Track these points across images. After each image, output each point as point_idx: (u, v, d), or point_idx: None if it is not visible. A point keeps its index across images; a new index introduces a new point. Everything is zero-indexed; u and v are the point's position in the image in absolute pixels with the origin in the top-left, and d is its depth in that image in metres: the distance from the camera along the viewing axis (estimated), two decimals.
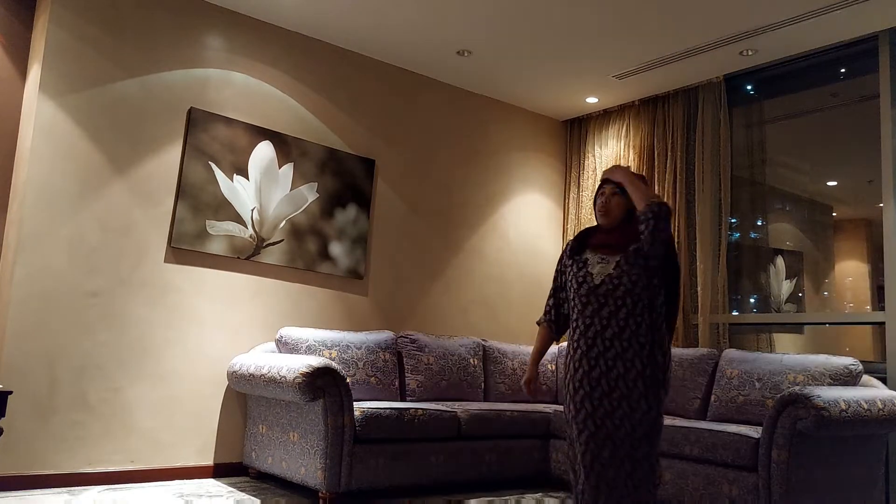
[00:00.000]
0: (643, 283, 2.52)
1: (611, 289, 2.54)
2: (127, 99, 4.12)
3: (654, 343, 2.51)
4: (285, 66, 4.70)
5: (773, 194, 5.20)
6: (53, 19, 3.90)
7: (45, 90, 3.87)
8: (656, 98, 5.44)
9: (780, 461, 3.27)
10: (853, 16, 4.15)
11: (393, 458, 3.87)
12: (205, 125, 4.31)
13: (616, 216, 2.68)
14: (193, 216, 4.24)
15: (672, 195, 5.18)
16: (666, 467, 3.78)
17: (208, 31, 4.41)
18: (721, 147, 5.00)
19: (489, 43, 4.76)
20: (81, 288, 3.91)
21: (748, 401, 3.98)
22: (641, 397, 2.47)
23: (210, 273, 4.31)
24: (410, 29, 4.62)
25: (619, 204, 2.68)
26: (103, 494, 3.67)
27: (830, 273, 5.15)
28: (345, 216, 4.83)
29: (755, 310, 5.15)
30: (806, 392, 3.25)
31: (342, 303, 4.84)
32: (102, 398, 3.93)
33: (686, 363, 4.44)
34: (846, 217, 5.27)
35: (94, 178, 3.99)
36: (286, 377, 3.67)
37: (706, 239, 4.96)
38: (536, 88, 5.49)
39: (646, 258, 2.51)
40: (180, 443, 4.15)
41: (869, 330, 4.59)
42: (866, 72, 4.49)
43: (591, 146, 5.89)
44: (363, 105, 5.04)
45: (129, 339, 4.03)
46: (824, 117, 5.04)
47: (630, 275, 2.52)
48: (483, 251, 5.58)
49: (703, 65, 4.88)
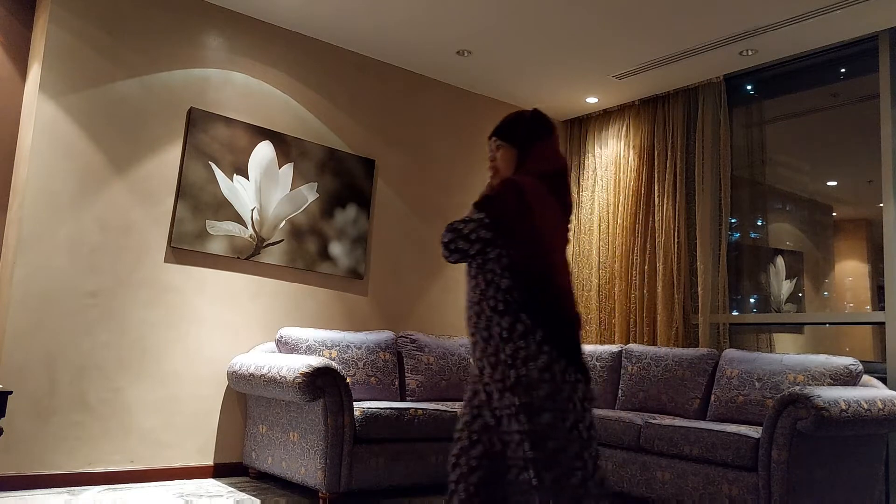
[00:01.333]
0: (479, 261, 2.14)
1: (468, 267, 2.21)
2: (127, 99, 4.12)
3: (492, 335, 2.10)
4: (285, 66, 4.70)
5: (773, 194, 5.20)
6: (53, 19, 3.90)
7: (45, 90, 3.87)
8: (656, 98, 5.44)
9: (780, 461, 3.27)
10: (853, 16, 4.15)
11: (393, 458, 3.87)
12: (205, 125, 4.31)
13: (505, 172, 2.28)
14: (193, 216, 4.24)
15: (672, 195, 5.18)
16: (666, 467, 3.78)
17: (208, 31, 4.41)
18: (721, 147, 5.00)
19: (489, 43, 4.76)
20: (81, 288, 3.91)
21: (748, 401, 3.98)
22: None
23: (210, 273, 4.31)
24: (410, 29, 4.62)
25: (506, 158, 2.28)
26: (103, 494, 3.67)
27: (830, 273, 5.15)
28: (345, 216, 4.83)
29: (755, 310, 5.15)
30: (806, 392, 3.25)
31: (342, 303, 4.84)
32: (102, 398, 3.93)
33: (686, 363, 4.44)
34: (846, 217, 5.27)
35: (94, 177, 3.99)
36: (286, 377, 3.67)
37: (706, 239, 4.96)
38: (536, 88, 5.49)
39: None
40: (180, 443, 4.15)
41: (869, 330, 4.59)
42: (866, 72, 4.49)
43: (591, 146, 5.89)
44: (363, 105, 5.04)
45: (129, 339, 4.03)
46: (824, 117, 5.03)
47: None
48: None
49: (703, 65, 4.88)
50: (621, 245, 5.45)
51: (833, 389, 3.39)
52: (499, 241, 2.08)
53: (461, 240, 2.08)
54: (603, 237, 5.63)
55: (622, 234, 5.46)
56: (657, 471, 3.83)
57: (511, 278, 2.07)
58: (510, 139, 2.27)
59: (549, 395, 2.00)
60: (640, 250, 5.33)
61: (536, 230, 2.10)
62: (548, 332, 2.04)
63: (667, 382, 4.48)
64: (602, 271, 5.59)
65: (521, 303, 2.06)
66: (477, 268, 2.14)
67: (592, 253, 5.69)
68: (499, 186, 2.15)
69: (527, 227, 2.09)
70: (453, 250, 2.10)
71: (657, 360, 4.60)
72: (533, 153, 2.23)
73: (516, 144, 2.26)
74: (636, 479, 3.93)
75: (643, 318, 5.21)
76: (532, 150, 2.23)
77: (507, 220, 2.08)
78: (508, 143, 2.27)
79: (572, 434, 2.00)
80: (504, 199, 2.10)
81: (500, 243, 2.08)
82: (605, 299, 5.54)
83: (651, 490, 3.85)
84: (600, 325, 5.54)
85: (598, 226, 5.68)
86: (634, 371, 4.68)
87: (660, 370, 4.55)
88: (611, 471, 4.07)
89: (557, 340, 2.05)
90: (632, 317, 5.32)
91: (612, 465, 4.07)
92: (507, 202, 2.09)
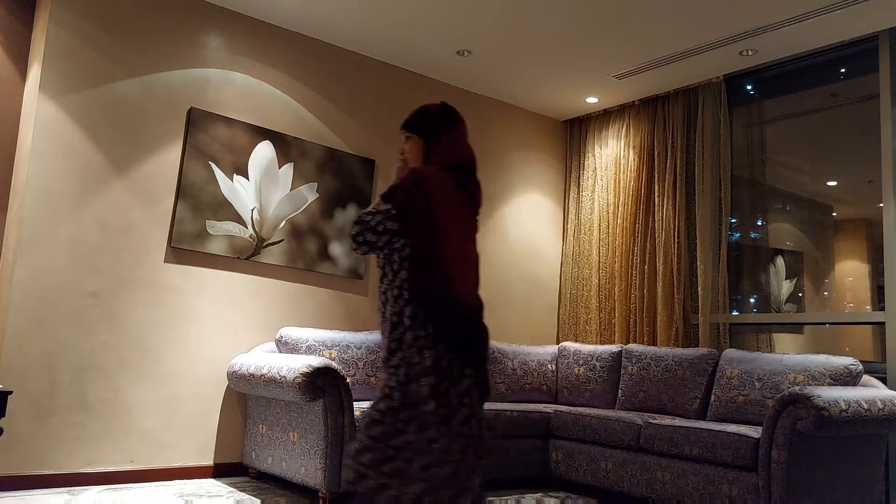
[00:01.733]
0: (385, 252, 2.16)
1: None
2: (127, 99, 4.12)
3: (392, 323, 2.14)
4: (285, 66, 4.70)
5: (773, 194, 5.20)
6: (53, 19, 3.90)
7: (45, 90, 3.87)
8: (656, 98, 5.44)
9: (780, 461, 3.27)
10: (853, 16, 4.15)
11: None
12: (205, 125, 4.31)
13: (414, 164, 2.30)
14: (193, 216, 4.24)
15: (672, 195, 5.18)
16: (666, 467, 3.78)
17: (208, 31, 4.41)
18: (721, 147, 5.00)
19: (489, 43, 4.76)
20: (81, 288, 3.91)
21: (748, 401, 3.98)
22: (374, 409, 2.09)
23: (210, 273, 4.31)
24: (410, 29, 4.62)
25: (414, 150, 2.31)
26: (103, 494, 3.67)
27: (830, 273, 5.15)
28: (345, 216, 4.83)
29: (755, 310, 5.15)
30: (806, 392, 3.25)
31: (342, 303, 4.84)
32: (102, 398, 3.93)
33: (686, 363, 4.44)
34: (846, 217, 5.27)
35: (94, 178, 3.99)
36: (286, 377, 3.67)
37: (706, 239, 4.96)
38: (536, 88, 5.49)
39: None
40: (180, 443, 4.15)
41: (869, 330, 4.59)
42: (866, 72, 4.49)
43: (591, 146, 5.89)
44: (363, 105, 5.04)
45: (128, 339, 4.03)
46: (824, 117, 5.04)
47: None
48: (483, 251, 5.52)
49: (703, 65, 4.88)
50: (621, 245, 5.45)
51: (833, 389, 3.39)
52: (403, 231, 2.10)
53: (369, 232, 2.10)
54: (603, 237, 5.63)
55: (622, 234, 5.46)
56: (657, 471, 3.83)
57: (409, 269, 2.11)
58: (417, 131, 2.31)
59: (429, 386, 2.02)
60: (640, 250, 5.33)
61: (435, 220, 2.12)
62: (438, 325, 2.06)
63: (667, 382, 4.48)
64: (602, 271, 5.59)
65: (417, 294, 2.09)
66: (384, 259, 2.17)
67: (592, 253, 5.69)
68: (405, 178, 2.18)
69: (426, 217, 2.11)
70: (361, 242, 2.11)
71: (657, 360, 4.60)
72: (440, 145, 2.27)
73: (423, 136, 2.30)
74: (636, 479, 3.93)
75: (643, 318, 5.21)
76: (439, 142, 2.27)
77: (412, 211, 2.10)
78: (416, 134, 2.31)
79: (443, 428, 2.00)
80: (407, 190, 2.13)
81: (405, 234, 2.10)
82: (605, 299, 5.54)
83: (651, 490, 3.85)
84: (600, 325, 5.54)
85: (598, 226, 5.68)
86: (634, 371, 4.68)
87: (660, 370, 4.55)
88: (611, 470, 4.07)
89: (448, 334, 2.07)
90: (632, 317, 5.32)
91: (612, 465, 4.07)
92: (410, 193, 2.12)
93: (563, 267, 5.95)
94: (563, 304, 5.88)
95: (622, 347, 4.91)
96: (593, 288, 5.63)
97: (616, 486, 4.04)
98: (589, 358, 4.99)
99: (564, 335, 5.81)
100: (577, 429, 4.31)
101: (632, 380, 4.67)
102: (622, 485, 4.01)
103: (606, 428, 4.13)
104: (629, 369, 4.72)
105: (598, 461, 4.16)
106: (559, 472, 4.42)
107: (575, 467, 4.30)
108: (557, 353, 5.25)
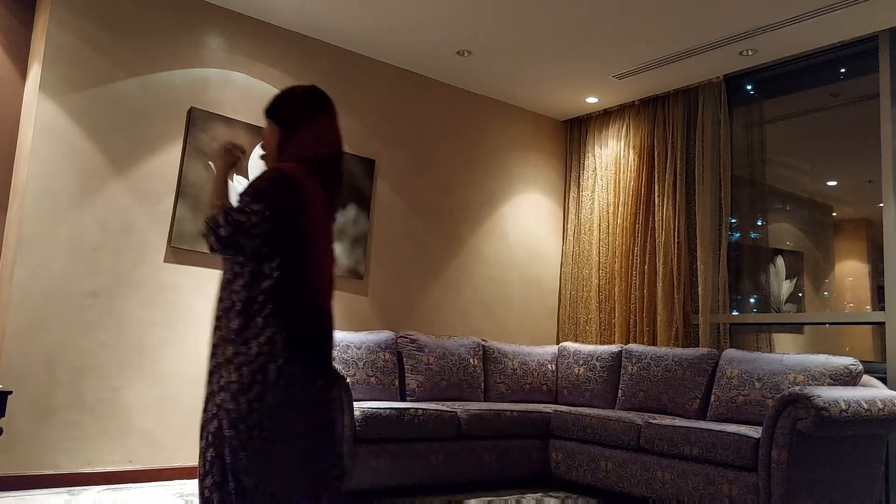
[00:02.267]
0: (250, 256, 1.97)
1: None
2: (127, 99, 4.12)
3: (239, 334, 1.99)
4: (285, 66, 4.69)
5: (773, 194, 5.20)
6: (53, 19, 3.90)
7: (45, 90, 3.86)
8: (656, 98, 5.44)
9: (780, 461, 3.27)
10: (853, 16, 4.15)
11: (393, 458, 3.87)
12: (205, 125, 4.31)
13: (272, 155, 2.12)
14: (193, 216, 4.24)
15: (672, 195, 5.18)
16: (666, 467, 3.78)
17: (208, 31, 4.41)
18: (721, 147, 5.00)
19: (489, 43, 4.76)
20: (81, 288, 3.91)
21: (748, 401, 3.98)
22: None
23: (210, 273, 4.31)
24: (410, 29, 4.62)
25: (269, 138, 2.12)
26: (103, 494, 3.67)
27: (830, 273, 5.15)
28: (345, 216, 4.83)
29: (755, 310, 5.15)
30: (806, 392, 3.25)
31: (342, 303, 4.83)
32: (101, 398, 3.93)
33: (686, 363, 4.44)
34: (846, 217, 5.27)
35: (94, 177, 3.99)
36: None
37: (706, 239, 4.96)
38: (536, 88, 5.49)
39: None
40: (179, 443, 4.15)
41: (869, 330, 4.59)
42: (866, 72, 4.49)
43: (591, 146, 5.89)
44: (363, 105, 5.04)
45: (128, 338, 4.03)
46: (824, 117, 5.04)
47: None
48: (483, 251, 5.58)
49: (703, 65, 4.88)
50: (621, 245, 5.45)
51: (833, 389, 3.38)
52: (273, 237, 1.90)
53: (242, 235, 1.89)
54: (603, 237, 5.63)
55: (622, 234, 5.46)
56: (657, 471, 3.83)
57: (275, 278, 1.90)
58: (274, 117, 2.09)
59: (276, 398, 1.86)
60: (640, 250, 5.32)
61: (307, 227, 1.95)
62: (294, 337, 1.90)
63: (667, 382, 4.47)
64: (602, 271, 5.59)
65: (279, 305, 1.90)
66: (242, 262, 1.95)
67: (592, 253, 5.69)
68: (273, 177, 1.96)
69: (299, 223, 1.93)
70: (229, 244, 1.91)
71: (657, 360, 4.60)
72: (298, 135, 2.06)
73: (280, 124, 2.08)
74: (636, 479, 3.93)
75: (643, 318, 5.21)
76: (297, 132, 2.07)
77: (284, 216, 1.91)
78: (273, 121, 2.09)
79: (294, 442, 1.87)
80: (278, 190, 1.93)
81: (274, 240, 1.91)
82: (605, 299, 5.54)
83: (651, 490, 3.85)
84: (600, 325, 5.54)
85: (598, 226, 5.68)
86: (634, 371, 4.68)
87: (660, 370, 4.55)
88: (611, 470, 4.07)
89: (303, 344, 1.91)
90: (632, 317, 5.32)
91: (612, 465, 4.07)
92: (281, 194, 1.92)
93: (563, 267, 5.95)
94: (563, 305, 5.88)
95: (622, 347, 4.91)
96: (593, 288, 5.62)
97: (616, 486, 4.04)
98: (589, 358, 4.99)
99: (564, 335, 5.81)
100: (577, 429, 4.31)
101: (632, 380, 4.67)
102: (622, 485, 4.01)
103: (606, 428, 4.13)
104: (629, 369, 4.72)
105: (598, 461, 4.16)
106: (559, 472, 4.42)
107: (575, 467, 4.30)
108: (557, 353, 5.25)
